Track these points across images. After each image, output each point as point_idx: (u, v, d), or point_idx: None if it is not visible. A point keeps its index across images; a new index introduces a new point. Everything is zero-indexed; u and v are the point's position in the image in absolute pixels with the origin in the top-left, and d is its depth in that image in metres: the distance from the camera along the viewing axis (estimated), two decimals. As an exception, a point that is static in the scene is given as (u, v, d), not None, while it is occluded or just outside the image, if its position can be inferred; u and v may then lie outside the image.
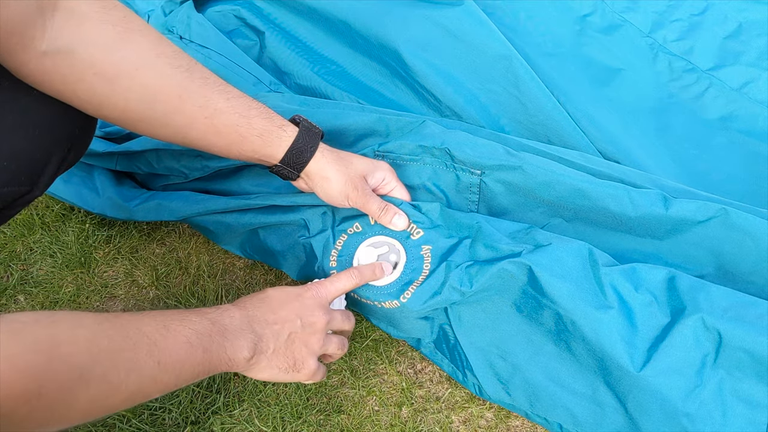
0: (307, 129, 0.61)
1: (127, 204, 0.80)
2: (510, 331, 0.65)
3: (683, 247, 0.65)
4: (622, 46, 0.88)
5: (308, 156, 0.60)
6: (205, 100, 0.55)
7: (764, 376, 0.54)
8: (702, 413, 0.55)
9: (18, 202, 0.55)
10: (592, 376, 0.61)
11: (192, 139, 0.58)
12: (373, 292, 0.65)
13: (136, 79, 0.52)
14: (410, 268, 0.66)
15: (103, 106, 0.53)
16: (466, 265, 0.63)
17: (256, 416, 0.69)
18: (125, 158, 0.81)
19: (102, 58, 0.50)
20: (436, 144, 0.69)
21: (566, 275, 0.60)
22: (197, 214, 0.77)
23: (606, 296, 0.59)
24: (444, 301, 0.64)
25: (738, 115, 0.83)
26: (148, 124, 0.56)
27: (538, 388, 0.64)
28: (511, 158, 0.67)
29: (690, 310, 0.57)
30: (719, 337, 0.55)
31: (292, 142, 0.60)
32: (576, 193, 0.65)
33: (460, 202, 0.71)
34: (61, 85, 0.50)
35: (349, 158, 0.63)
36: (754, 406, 0.54)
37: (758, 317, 0.55)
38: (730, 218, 0.62)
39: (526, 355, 0.65)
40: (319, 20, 0.89)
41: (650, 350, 0.57)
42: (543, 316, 0.63)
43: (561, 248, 0.62)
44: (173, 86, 0.54)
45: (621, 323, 0.58)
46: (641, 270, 0.61)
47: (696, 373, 0.56)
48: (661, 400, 0.56)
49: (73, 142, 0.56)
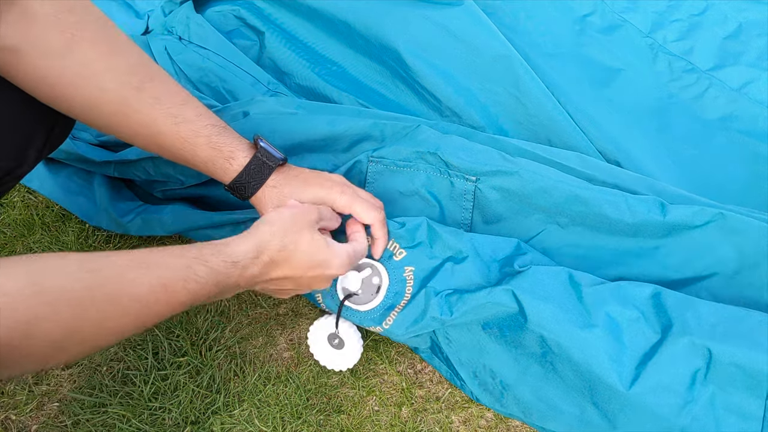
0: (257, 164, 0.59)
1: (121, 219, 0.80)
2: (495, 353, 0.65)
3: (681, 251, 0.65)
4: (622, 47, 0.88)
5: (250, 191, 0.60)
6: (150, 120, 0.55)
7: (756, 389, 0.54)
8: (696, 427, 0.55)
9: (7, 179, 0.55)
10: (579, 397, 0.61)
11: (144, 149, 0.59)
12: (356, 316, 0.65)
13: (78, 90, 0.52)
14: (393, 291, 0.65)
15: (53, 105, 0.54)
16: (446, 294, 0.63)
17: (256, 416, 0.69)
18: (122, 166, 0.81)
19: (44, 63, 0.50)
20: (431, 149, 0.68)
21: (548, 297, 0.59)
22: (188, 229, 0.77)
23: (591, 315, 0.59)
24: (426, 328, 0.64)
25: (738, 116, 0.83)
26: (100, 128, 0.57)
27: (529, 404, 0.64)
28: (507, 164, 0.67)
29: (678, 327, 0.57)
30: (709, 353, 0.55)
31: (235, 176, 0.59)
32: (573, 199, 0.65)
33: (454, 210, 0.70)
34: (13, 78, 0.51)
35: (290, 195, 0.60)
36: (747, 418, 0.54)
37: (748, 331, 0.55)
38: (727, 222, 0.62)
39: (513, 375, 0.64)
40: (319, 20, 0.89)
41: (639, 367, 0.56)
42: (526, 339, 0.63)
43: (541, 272, 0.61)
44: (115, 102, 0.53)
45: (607, 341, 0.57)
46: (627, 287, 0.60)
47: (687, 389, 0.55)
48: (654, 417, 0.56)
49: (57, 117, 0.56)
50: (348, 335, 0.66)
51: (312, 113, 0.74)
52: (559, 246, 0.68)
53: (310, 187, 0.61)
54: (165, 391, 0.71)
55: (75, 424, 0.69)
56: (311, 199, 0.60)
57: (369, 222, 0.62)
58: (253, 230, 0.54)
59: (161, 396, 0.71)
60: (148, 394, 0.70)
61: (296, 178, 0.61)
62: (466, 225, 0.70)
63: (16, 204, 0.90)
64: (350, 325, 0.67)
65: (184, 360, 0.73)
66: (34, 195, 0.91)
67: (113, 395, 0.71)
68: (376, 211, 0.62)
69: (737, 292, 0.62)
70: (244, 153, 0.59)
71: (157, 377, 0.72)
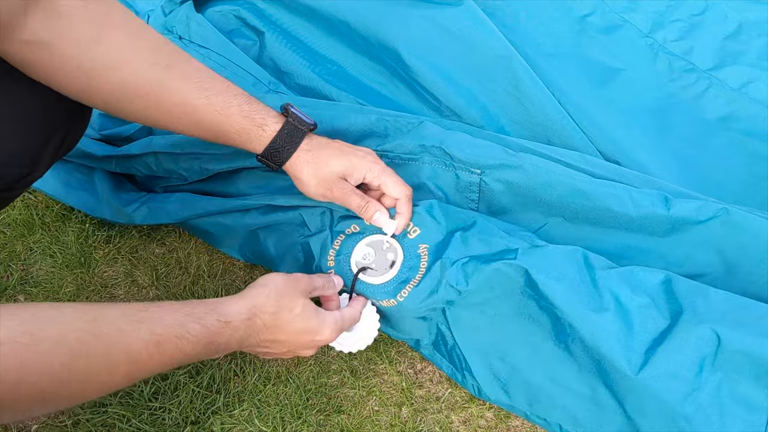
0: (290, 129, 0.60)
1: (125, 208, 0.80)
2: (509, 332, 0.65)
3: (684, 246, 0.65)
4: (622, 47, 0.88)
5: (285, 156, 0.60)
6: (183, 97, 0.56)
7: (762, 378, 0.54)
8: (700, 416, 0.55)
9: (19, 184, 0.56)
10: (591, 377, 0.61)
11: (176, 130, 0.59)
12: (370, 290, 0.65)
13: (112, 76, 0.52)
14: (407, 266, 0.66)
15: (83, 97, 0.54)
16: (462, 263, 0.63)
17: (256, 416, 0.69)
18: (124, 161, 0.81)
19: (78, 53, 0.50)
20: (435, 143, 0.69)
21: (562, 277, 0.60)
22: (196, 216, 0.77)
23: (602, 298, 0.59)
24: (441, 300, 0.64)
25: (738, 115, 0.83)
26: (130, 116, 0.57)
27: (538, 388, 0.64)
28: (511, 158, 0.67)
29: (688, 313, 0.57)
30: (717, 339, 0.55)
31: (269, 142, 0.60)
32: (577, 193, 0.65)
33: (460, 201, 0.71)
34: (43, 74, 0.51)
35: (326, 159, 0.61)
36: (753, 408, 0.54)
37: (757, 320, 0.55)
38: (731, 217, 0.62)
39: (525, 356, 0.65)
40: (319, 20, 0.89)
41: (647, 353, 0.57)
42: (541, 317, 0.63)
43: (555, 251, 0.62)
44: (150, 84, 0.54)
45: (618, 326, 0.58)
46: (638, 273, 0.61)
47: (694, 376, 0.56)
48: (660, 403, 0.56)
49: (70, 124, 0.57)
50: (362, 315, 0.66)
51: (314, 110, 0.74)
52: (563, 239, 0.69)
53: (344, 154, 0.62)
54: (165, 391, 0.71)
55: (75, 424, 0.69)
56: (345, 166, 0.61)
57: (396, 196, 0.63)
58: (247, 291, 0.55)
59: (161, 396, 0.71)
60: (148, 394, 0.70)
61: (329, 145, 0.62)
62: None
63: (16, 204, 0.90)
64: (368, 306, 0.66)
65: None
66: (34, 195, 0.91)
67: (113, 395, 0.71)
68: (404, 187, 0.63)
69: (739, 288, 0.62)
70: (276, 119, 0.60)
71: (157, 377, 0.72)
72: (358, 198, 0.63)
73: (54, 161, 0.58)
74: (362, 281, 0.66)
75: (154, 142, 0.77)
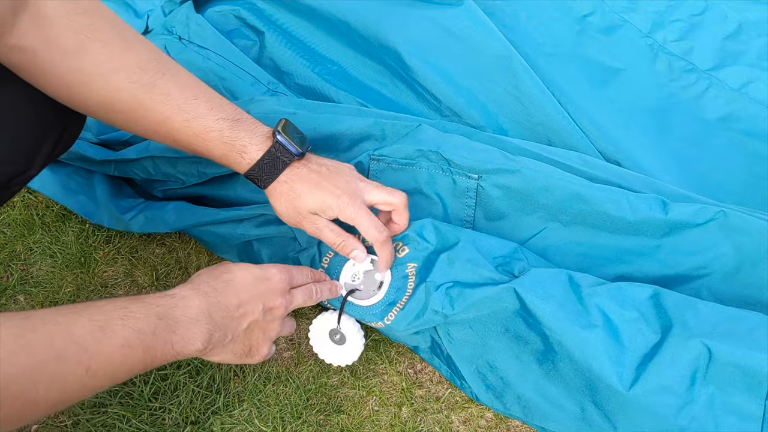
0: (270, 159, 0.58)
1: (123, 216, 0.80)
2: (498, 348, 0.65)
3: (682, 249, 0.64)
4: (622, 47, 0.88)
5: (262, 185, 0.60)
6: (163, 118, 0.55)
7: (754, 388, 0.54)
8: (695, 426, 0.55)
9: (14, 182, 0.55)
10: (580, 396, 0.61)
11: (163, 143, 0.59)
12: (358, 312, 0.65)
13: (92, 89, 0.52)
14: (395, 287, 0.64)
15: (70, 104, 0.54)
16: (446, 287, 0.62)
17: (256, 416, 0.69)
18: (122, 165, 0.81)
19: (60, 63, 0.50)
20: (432, 148, 0.68)
21: (548, 297, 0.59)
22: (191, 226, 0.77)
23: (590, 315, 0.59)
24: (427, 323, 0.63)
25: (738, 116, 0.83)
26: (116, 125, 0.58)
27: (530, 401, 0.64)
28: (509, 162, 0.67)
29: (678, 327, 0.57)
30: (709, 353, 0.55)
31: (248, 170, 0.59)
32: (575, 197, 0.65)
33: (457, 207, 0.70)
34: (32, 79, 0.52)
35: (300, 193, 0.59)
36: (746, 418, 0.54)
37: (747, 332, 0.55)
38: (729, 220, 0.62)
39: (515, 372, 0.64)
40: (319, 20, 0.89)
41: (639, 368, 0.56)
42: (529, 336, 0.63)
43: (540, 273, 0.61)
44: (128, 101, 0.54)
45: (607, 342, 0.57)
46: (626, 288, 0.60)
47: (686, 389, 0.55)
48: (653, 418, 0.56)
49: (65, 122, 0.57)
50: (349, 331, 0.66)
51: (312, 113, 0.74)
52: (561, 244, 0.68)
53: (320, 191, 0.59)
54: (165, 391, 0.71)
55: (75, 425, 0.69)
56: (318, 204, 0.59)
57: (369, 240, 0.61)
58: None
59: (161, 396, 0.71)
60: (148, 394, 0.70)
61: (309, 178, 0.60)
62: (469, 222, 0.70)
63: (16, 204, 0.90)
64: (353, 323, 0.67)
65: (183, 360, 0.73)
66: (34, 195, 0.91)
67: (113, 395, 0.71)
68: (377, 231, 0.60)
69: (738, 291, 0.62)
70: (259, 146, 0.58)
71: (157, 377, 0.72)
72: (333, 235, 0.61)
73: (50, 160, 0.58)
74: (351, 303, 0.65)
75: (152, 146, 0.77)
